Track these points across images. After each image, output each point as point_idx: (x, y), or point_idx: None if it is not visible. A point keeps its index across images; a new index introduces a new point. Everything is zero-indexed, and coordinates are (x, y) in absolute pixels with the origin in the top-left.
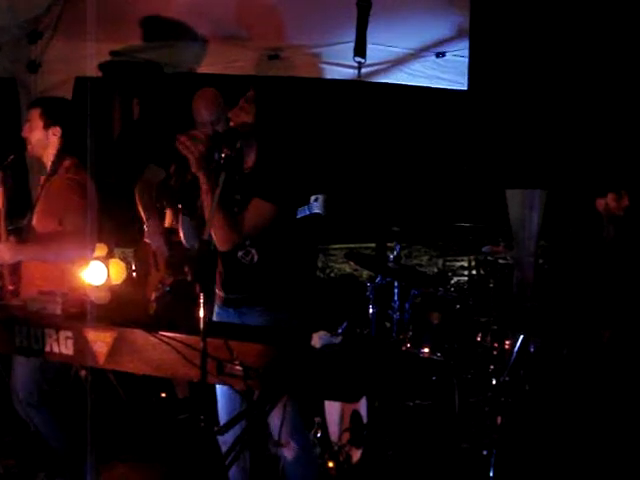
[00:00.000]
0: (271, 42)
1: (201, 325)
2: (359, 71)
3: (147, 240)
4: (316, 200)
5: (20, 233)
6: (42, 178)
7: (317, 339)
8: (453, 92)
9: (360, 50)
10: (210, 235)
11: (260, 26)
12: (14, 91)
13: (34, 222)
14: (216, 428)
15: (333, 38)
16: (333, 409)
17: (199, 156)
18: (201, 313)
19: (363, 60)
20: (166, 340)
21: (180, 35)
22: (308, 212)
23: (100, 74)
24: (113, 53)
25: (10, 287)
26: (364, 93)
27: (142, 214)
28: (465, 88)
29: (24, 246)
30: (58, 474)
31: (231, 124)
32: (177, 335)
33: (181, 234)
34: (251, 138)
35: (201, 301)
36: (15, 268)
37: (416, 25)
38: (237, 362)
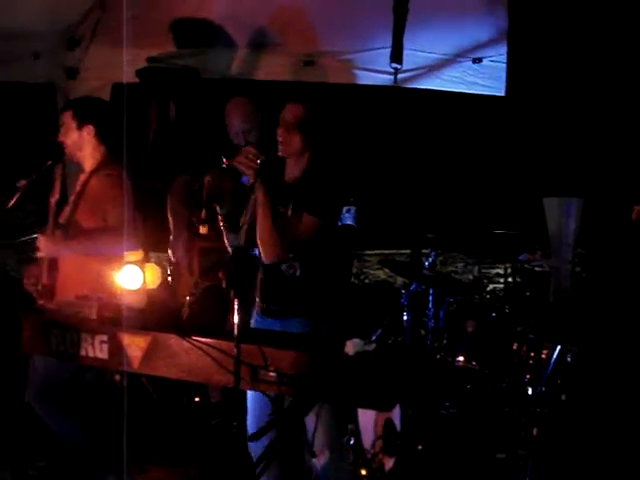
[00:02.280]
0: (306, 48)
1: (235, 331)
2: (395, 77)
3: (170, 249)
4: (348, 211)
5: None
6: (81, 177)
7: (351, 346)
8: (490, 98)
9: (397, 56)
10: (249, 242)
11: (295, 32)
12: (53, 97)
13: (78, 220)
14: (248, 436)
15: (369, 44)
16: (366, 416)
17: (257, 169)
18: (235, 319)
19: (400, 66)
20: (200, 345)
21: (215, 41)
22: (340, 223)
23: (137, 80)
24: (150, 59)
25: (45, 282)
26: (399, 99)
27: (170, 223)
28: (503, 94)
29: (68, 240)
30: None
31: (280, 140)
32: (211, 340)
33: (226, 242)
34: (299, 151)
35: (235, 307)
36: (53, 264)
37: (452, 30)
38: (271, 369)
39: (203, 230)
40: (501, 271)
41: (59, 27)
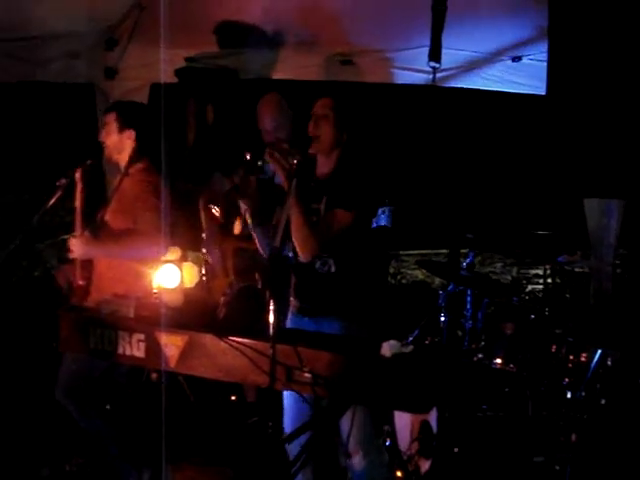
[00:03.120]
0: (343, 47)
1: (270, 331)
2: (434, 76)
3: (204, 250)
4: (383, 212)
5: (94, 231)
6: (117, 179)
7: (387, 348)
8: (530, 97)
9: (435, 55)
10: (281, 243)
11: (332, 31)
12: (92, 97)
13: (109, 221)
14: (283, 436)
15: (406, 43)
16: (403, 418)
17: (290, 169)
18: (271, 319)
19: (438, 65)
20: (236, 345)
21: (253, 42)
22: (375, 224)
23: (175, 80)
24: (188, 59)
25: (80, 282)
26: (438, 98)
27: (203, 224)
28: (543, 93)
29: (98, 242)
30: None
31: (311, 136)
32: (247, 341)
33: (257, 242)
34: (329, 145)
35: (270, 307)
36: (87, 264)
37: (491, 29)
38: (306, 369)
39: (237, 230)
40: (540, 272)
41: (98, 27)
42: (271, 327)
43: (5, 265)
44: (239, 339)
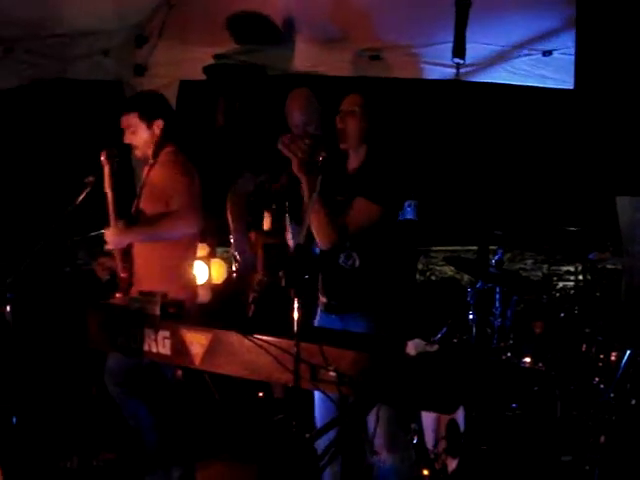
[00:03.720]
0: (372, 43)
1: (294, 330)
2: (457, 71)
3: (232, 248)
4: (410, 206)
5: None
6: (146, 168)
7: (412, 347)
8: (559, 91)
9: (459, 51)
10: (307, 240)
11: (360, 27)
12: (121, 94)
13: (142, 207)
14: (308, 435)
15: (434, 38)
16: (429, 416)
17: (302, 158)
18: (295, 318)
19: (462, 61)
20: (260, 343)
21: (281, 38)
22: (401, 217)
23: (204, 77)
24: (216, 56)
25: (123, 275)
26: (466, 93)
27: (230, 223)
28: (571, 87)
29: (131, 229)
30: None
31: (339, 131)
32: (271, 339)
33: (289, 238)
34: (357, 140)
35: (295, 306)
36: (127, 256)
37: (521, 22)
38: (331, 368)
39: (266, 226)
40: (572, 268)
41: (127, 25)
42: (295, 325)
43: (35, 260)
44: (264, 337)
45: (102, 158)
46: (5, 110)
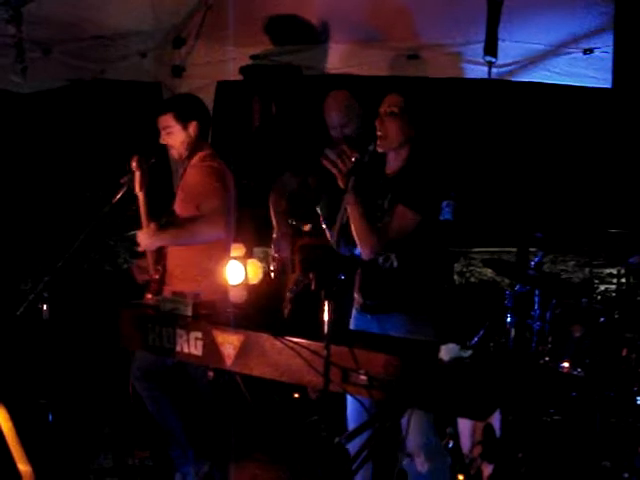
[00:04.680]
0: (409, 42)
1: (325, 332)
2: (496, 70)
3: (273, 247)
4: (447, 206)
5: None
6: (181, 169)
7: (445, 352)
8: (598, 90)
9: (491, 49)
10: (338, 243)
11: (398, 26)
12: (159, 95)
13: (176, 209)
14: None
15: (473, 36)
16: (465, 420)
17: (347, 173)
18: (325, 320)
19: (494, 59)
20: (291, 345)
21: (317, 38)
22: (440, 218)
23: (241, 78)
24: (253, 57)
25: (155, 276)
26: (506, 92)
27: (273, 221)
28: (609, 86)
29: (162, 232)
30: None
31: (378, 133)
32: (303, 341)
33: (330, 240)
34: (398, 142)
35: (326, 308)
36: (159, 257)
37: (560, 20)
38: (362, 372)
39: (306, 227)
40: (614, 271)
41: (165, 27)
42: (326, 328)
43: (75, 259)
44: (295, 339)
45: (133, 164)
46: (44, 111)
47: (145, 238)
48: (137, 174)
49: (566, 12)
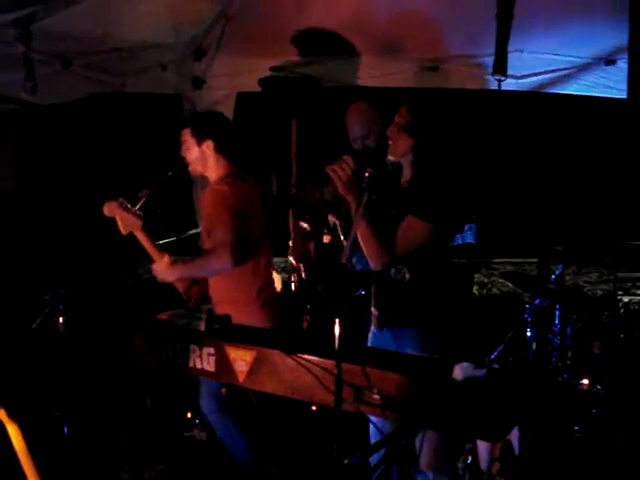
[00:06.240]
0: (429, 54)
1: (336, 350)
2: (499, 83)
3: (290, 256)
4: (470, 229)
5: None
6: (202, 192)
7: (459, 371)
8: (621, 101)
9: (500, 67)
10: (348, 258)
11: (418, 38)
12: (179, 107)
13: (204, 240)
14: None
15: (492, 48)
16: None
17: (346, 180)
18: (336, 338)
19: (504, 78)
20: (303, 363)
21: (337, 49)
22: (461, 241)
23: (260, 89)
24: (273, 68)
25: (190, 305)
26: (526, 105)
27: (292, 233)
28: (625, 96)
29: (175, 264)
30: None
31: (390, 142)
32: (314, 358)
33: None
34: (408, 153)
35: (336, 325)
36: (189, 284)
37: (582, 31)
38: (375, 391)
39: (326, 240)
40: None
41: (185, 39)
42: (336, 346)
43: (95, 271)
44: (307, 356)
45: (105, 210)
46: (65, 123)
47: (160, 271)
48: (117, 218)
49: (589, 23)
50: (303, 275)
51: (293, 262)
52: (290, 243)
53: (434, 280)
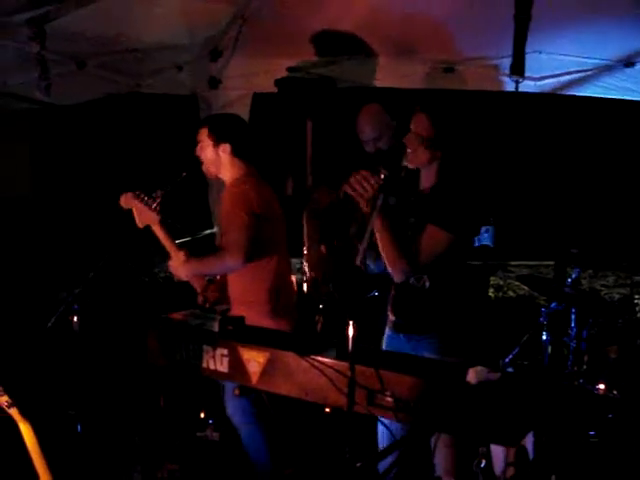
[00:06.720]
0: (445, 55)
1: (349, 352)
2: (516, 84)
3: (304, 262)
4: (487, 232)
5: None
6: (222, 193)
7: (473, 375)
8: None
9: (518, 68)
10: (365, 262)
11: (433, 39)
12: (195, 108)
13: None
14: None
15: (510, 49)
16: None
17: (369, 198)
18: (350, 341)
19: (521, 79)
20: (316, 365)
21: (353, 50)
22: (477, 244)
23: (276, 90)
24: (289, 69)
25: (207, 305)
26: (544, 107)
27: (305, 234)
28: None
29: (189, 261)
30: None
31: (408, 150)
32: (328, 360)
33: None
34: (432, 163)
35: (350, 329)
36: (206, 284)
37: (602, 33)
38: (388, 393)
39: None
40: None
41: (200, 39)
42: (350, 349)
43: (110, 271)
44: (320, 358)
45: (122, 202)
46: (80, 124)
47: (175, 268)
48: (134, 210)
49: (608, 24)
50: (318, 279)
51: (307, 270)
52: (305, 250)
53: (454, 286)
